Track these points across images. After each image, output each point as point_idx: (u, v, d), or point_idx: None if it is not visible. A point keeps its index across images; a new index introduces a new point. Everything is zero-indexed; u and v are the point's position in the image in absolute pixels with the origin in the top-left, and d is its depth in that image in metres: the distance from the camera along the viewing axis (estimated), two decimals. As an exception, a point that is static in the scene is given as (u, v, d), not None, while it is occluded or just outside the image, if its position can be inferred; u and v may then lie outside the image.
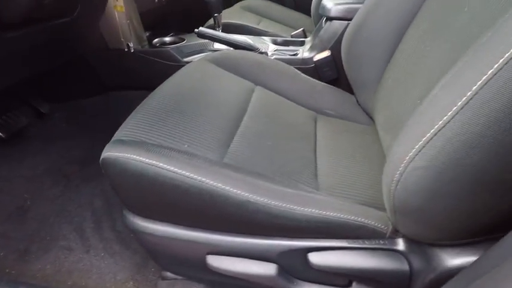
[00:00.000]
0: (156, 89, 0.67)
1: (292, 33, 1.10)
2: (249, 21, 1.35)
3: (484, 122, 0.26)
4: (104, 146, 0.47)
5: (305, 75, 0.83)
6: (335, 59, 0.86)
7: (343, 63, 0.78)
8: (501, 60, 0.26)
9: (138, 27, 0.96)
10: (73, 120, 1.16)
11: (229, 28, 1.14)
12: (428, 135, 0.30)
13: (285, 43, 1.06)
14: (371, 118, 0.77)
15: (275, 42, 1.05)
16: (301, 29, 1.08)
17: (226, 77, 0.77)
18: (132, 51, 0.90)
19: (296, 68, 0.86)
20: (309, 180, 0.54)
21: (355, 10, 0.76)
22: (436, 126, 0.29)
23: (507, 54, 0.25)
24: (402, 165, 0.32)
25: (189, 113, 0.59)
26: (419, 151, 0.30)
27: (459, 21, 0.50)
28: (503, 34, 0.28)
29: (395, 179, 0.33)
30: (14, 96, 1.07)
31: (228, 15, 1.40)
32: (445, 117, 0.28)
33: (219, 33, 0.93)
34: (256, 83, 0.78)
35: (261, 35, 1.11)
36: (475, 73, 0.27)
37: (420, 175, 0.31)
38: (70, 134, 1.14)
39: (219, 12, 0.98)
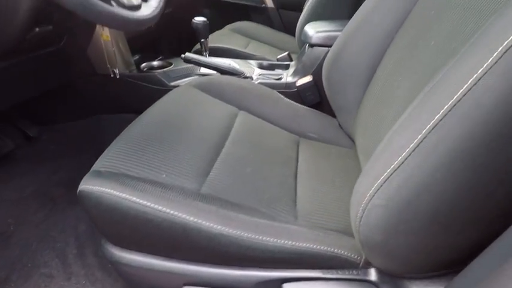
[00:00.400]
0: (139, 116, 0.68)
1: (278, 57, 1.13)
2: (237, 43, 1.38)
3: (432, 166, 0.27)
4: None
5: (288, 100, 0.85)
6: (317, 84, 0.88)
7: (325, 88, 0.80)
8: (445, 107, 0.27)
9: (125, 52, 0.98)
10: (61, 142, 1.16)
11: (217, 52, 1.17)
12: (385, 174, 0.31)
13: (271, 67, 1.08)
14: (353, 141, 0.79)
15: (261, 66, 1.08)
16: (287, 52, 1.11)
17: (211, 102, 0.79)
18: (117, 77, 0.91)
19: (280, 92, 0.89)
20: (287, 208, 0.55)
21: (335, 37, 0.79)
22: (392, 166, 0.30)
23: (450, 102, 0.27)
24: (364, 201, 0.33)
25: (170, 140, 0.60)
26: (378, 189, 0.31)
27: (426, 54, 0.52)
28: (451, 77, 0.30)
29: (358, 214, 0.34)
30: (1, 120, 1.07)
31: (218, 38, 1.44)
32: (399, 158, 0.30)
33: (204, 59, 0.95)
34: (240, 108, 0.80)
35: (247, 59, 1.13)
36: (424, 119, 0.29)
37: (380, 213, 0.31)
38: (58, 155, 1.14)
39: (206, 37, 1.01)
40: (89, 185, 0.45)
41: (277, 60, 1.12)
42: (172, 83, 0.98)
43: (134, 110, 1.09)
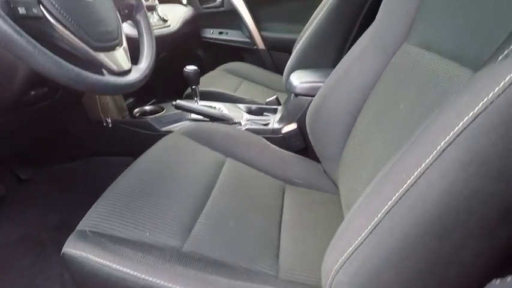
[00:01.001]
0: (128, 168, 0.70)
1: (267, 100, 1.17)
2: (229, 85, 1.44)
3: (388, 249, 0.30)
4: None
5: (274, 146, 0.88)
6: (302, 131, 0.92)
7: (309, 135, 0.84)
8: (396, 194, 0.30)
9: (118, 99, 1.02)
10: (52, 184, 1.17)
11: (208, 95, 1.22)
12: (348, 250, 0.33)
13: (259, 111, 1.13)
14: (337, 186, 0.81)
15: (249, 111, 1.12)
16: (275, 96, 1.16)
17: (199, 150, 0.81)
18: (110, 126, 0.95)
19: (266, 137, 0.92)
20: (269, 262, 0.56)
21: (318, 88, 0.83)
22: (353, 245, 0.32)
23: (404, 187, 0.29)
24: (330, 275, 0.34)
25: (156, 194, 0.62)
26: (342, 265, 0.33)
27: (396, 116, 0.55)
28: (411, 153, 0.32)
29: (326, 286, 0.35)
30: (-6, 164, 1.09)
31: (211, 80, 1.50)
32: (359, 238, 0.32)
33: (195, 106, 0.99)
34: (227, 155, 0.83)
35: (237, 102, 1.18)
36: (379, 202, 0.31)
37: (345, 288, 0.33)
38: (49, 197, 1.15)
39: (197, 84, 1.06)
40: (72, 249, 0.46)
41: (266, 103, 1.17)
42: (164, 129, 1.01)
43: (125, 153, 1.12)
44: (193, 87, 1.06)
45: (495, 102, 0.24)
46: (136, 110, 1.09)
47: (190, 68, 1.03)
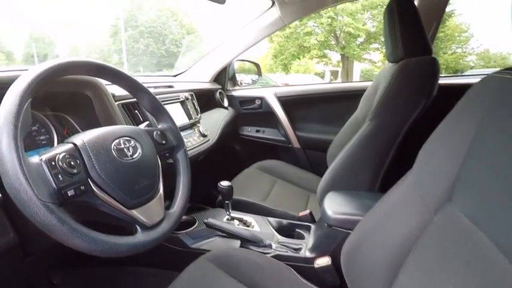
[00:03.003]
0: None
1: (301, 214, 1.14)
2: (263, 186, 1.44)
3: None
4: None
5: (304, 282, 0.81)
6: (336, 265, 0.85)
7: (344, 275, 0.77)
8: None
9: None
10: (83, 288, 1.17)
11: (239, 205, 1.22)
12: None
13: (291, 227, 1.09)
14: None
15: (280, 227, 1.09)
16: (308, 211, 1.13)
17: (224, 283, 0.77)
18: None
19: (297, 266, 0.86)
20: None
21: (353, 222, 0.79)
22: None
23: None
24: None
25: None
26: None
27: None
28: None
29: None
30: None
31: (246, 179, 1.52)
32: None
33: (225, 226, 0.99)
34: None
35: (268, 215, 1.16)
36: None
37: None
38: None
39: (229, 199, 1.07)
40: None
41: (299, 218, 1.13)
42: (194, 246, 1.00)
43: (152, 265, 1.11)
44: (227, 202, 1.07)
45: None
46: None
47: (225, 184, 1.05)
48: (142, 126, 0.81)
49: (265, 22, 1.55)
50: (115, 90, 0.90)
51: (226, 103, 1.86)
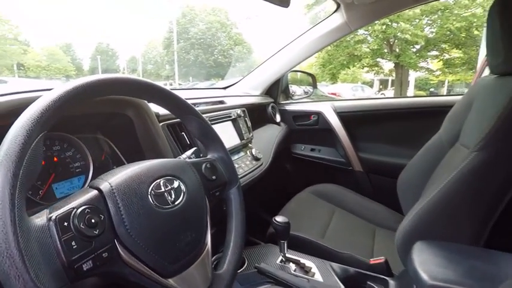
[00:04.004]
0: None
1: (372, 262, 0.91)
2: (320, 217, 1.23)
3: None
4: None
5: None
6: None
7: None
8: None
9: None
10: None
11: (296, 242, 1.03)
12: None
13: (361, 278, 0.87)
14: None
15: (347, 276, 0.88)
16: (383, 259, 0.89)
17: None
18: None
19: None
20: None
21: None
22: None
23: None
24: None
25: None
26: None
27: None
28: None
29: None
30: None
31: (299, 206, 1.32)
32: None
33: (279, 274, 0.81)
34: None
35: (330, 257, 0.96)
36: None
37: None
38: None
39: (286, 239, 0.89)
40: None
41: (370, 267, 0.91)
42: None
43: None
44: (282, 241, 0.89)
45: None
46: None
47: (280, 220, 0.87)
48: (188, 153, 0.67)
49: (328, 28, 1.36)
50: (159, 108, 0.78)
51: (278, 118, 1.69)
